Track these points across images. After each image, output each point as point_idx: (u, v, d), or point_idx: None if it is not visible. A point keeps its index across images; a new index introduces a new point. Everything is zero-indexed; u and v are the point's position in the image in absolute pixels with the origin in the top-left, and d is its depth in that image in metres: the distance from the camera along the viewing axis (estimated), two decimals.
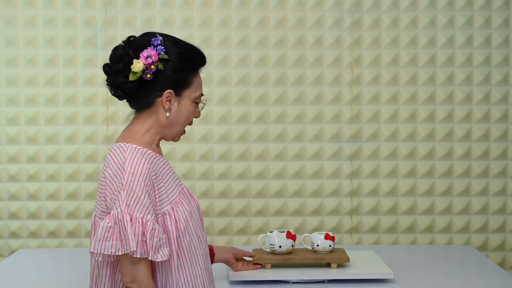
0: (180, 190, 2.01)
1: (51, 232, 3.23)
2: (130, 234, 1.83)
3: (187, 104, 1.98)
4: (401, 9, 3.23)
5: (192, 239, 1.97)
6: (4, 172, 3.21)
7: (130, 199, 1.86)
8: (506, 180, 3.29)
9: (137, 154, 1.91)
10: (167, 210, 1.94)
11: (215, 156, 3.25)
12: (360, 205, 3.29)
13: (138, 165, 1.89)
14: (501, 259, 3.30)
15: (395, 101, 3.26)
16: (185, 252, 1.95)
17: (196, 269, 1.97)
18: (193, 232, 1.98)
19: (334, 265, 2.53)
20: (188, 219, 1.96)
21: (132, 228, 1.83)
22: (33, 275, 2.69)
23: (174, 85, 1.96)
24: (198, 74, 2.01)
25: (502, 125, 3.27)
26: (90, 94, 3.21)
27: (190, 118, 2.01)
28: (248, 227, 3.28)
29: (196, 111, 2.03)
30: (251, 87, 3.24)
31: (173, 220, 1.94)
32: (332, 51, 3.24)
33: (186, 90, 1.98)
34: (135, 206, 1.86)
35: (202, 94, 2.02)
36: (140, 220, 1.85)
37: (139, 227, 1.84)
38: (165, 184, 1.96)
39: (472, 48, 3.25)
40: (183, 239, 1.94)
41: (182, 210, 1.96)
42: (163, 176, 1.96)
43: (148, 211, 1.87)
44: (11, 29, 3.18)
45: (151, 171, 1.91)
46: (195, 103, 2.00)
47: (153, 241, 1.85)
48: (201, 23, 3.22)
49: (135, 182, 1.87)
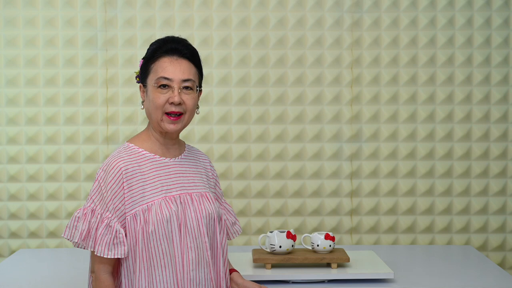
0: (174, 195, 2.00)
1: (51, 232, 3.23)
2: (80, 226, 1.95)
3: (150, 90, 2.03)
4: (401, 9, 3.23)
5: (162, 244, 1.97)
6: (4, 172, 3.21)
7: (96, 195, 1.98)
8: (506, 180, 3.29)
9: (120, 153, 2.01)
10: (138, 211, 1.96)
11: (215, 156, 3.25)
12: (360, 205, 3.29)
13: (112, 164, 1.98)
14: (501, 259, 3.30)
15: (395, 101, 3.26)
16: (152, 255, 1.96)
17: (160, 275, 1.97)
18: (164, 237, 1.97)
19: (334, 265, 2.53)
20: (160, 224, 1.96)
21: (84, 221, 1.95)
22: (33, 275, 2.69)
23: (141, 78, 2.07)
24: (162, 60, 2.03)
25: (502, 125, 3.27)
26: (90, 94, 3.21)
27: (157, 102, 2.01)
28: (248, 227, 3.28)
29: (170, 96, 2.01)
30: (251, 87, 3.24)
31: (142, 222, 1.95)
32: (332, 51, 3.24)
33: (148, 78, 2.05)
34: (99, 202, 1.97)
35: (162, 77, 2.01)
36: (99, 215, 1.95)
37: (96, 222, 1.95)
38: (143, 185, 1.98)
39: (472, 48, 3.25)
40: (149, 242, 1.96)
41: (156, 213, 1.96)
42: (145, 177, 1.99)
43: (107, 208, 1.95)
44: (11, 29, 3.18)
45: (123, 172, 1.96)
46: (159, 87, 2.01)
47: (106, 237, 1.94)
48: (201, 23, 3.22)
49: (104, 179, 1.97)
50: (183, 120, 2.04)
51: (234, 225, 2.23)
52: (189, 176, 2.06)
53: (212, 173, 2.18)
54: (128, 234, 1.96)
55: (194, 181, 2.07)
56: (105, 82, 3.22)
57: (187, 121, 2.05)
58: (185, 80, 2.02)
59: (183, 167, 2.07)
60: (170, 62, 2.02)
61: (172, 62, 2.02)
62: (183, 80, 2.01)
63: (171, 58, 2.02)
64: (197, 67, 2.07)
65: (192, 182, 2.06)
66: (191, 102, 2.03)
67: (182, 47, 2.04)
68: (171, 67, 2.01)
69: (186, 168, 2.07)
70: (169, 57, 2.02)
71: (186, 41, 2.08)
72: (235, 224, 2.23)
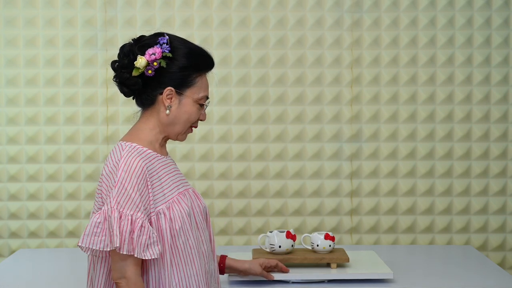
0: (182, 191, 2.02)
1: (51, 232, 3.23)
2: (116, 230, 1.85)
3: (188, 103, 1.98)
4: (401, 9, 3.23)
5: (188, 239, 1.97)
6: (4, 172, 3.22)
7: (121, 196, 1.88)
8: (506, 180, 3.29)
9: (133, 153, 1.93)
10: (162, 209, 1.95)
11: (215, 156, 3.25)
12: (360, 205, 3.29)
13: (132, 163, 1.91)
14: (501, 259, 3.30)
15: (395, 101, 3.26)
16: (179, 251, 1.96)
17: (191, 269, 1.97)
18: (189, 232, 1.98)
19: (334, 265, 2.53)
20: (184, 219, 1.97)
21: (118, 225, 1.85)
22: (33, 275, 2.69)
23: (176, 83, 1.97)
24: (204, 76, 2.01)
25: (502, 125, 3.27)
26: (90, 94, 3.22)
27: (191, 118, 2.01)
28: (248, 227, 3.28)
29: (201, 113, 2.03)
30: (251, 87, 3.25)
31: (168, 220, 1.95)
32: (332, 51, 3.24)
33: (188, 89, 1.98)
34: (126, 203, 1.88)
35: (207, 97, 2.02)
36: (129, 217, 1.87)
37: (128, 224, 1.86)
38: (161, 183, 1.97)
39: (472, 48, 3.25)
40: (178, 239, 1.95)
41: (178, 210, 1.97)
42: (160, 176, 1.97)
43: (138, 209, 1.88)
44: (11, 29, 3.18)
45: (146, 170, 1.92)
46: (198, 104, 2.00)
47: (142, 238, 1.87)
48: (201, 23, 3.22)
49: (127, 179, 1.89)
50: None
51: None
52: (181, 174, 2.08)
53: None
54: (156, 232, 1.95)
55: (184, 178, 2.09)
56: (105, 82, 3.22)
57: None
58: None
59: (174, 165, 2.08)
60: (207, 81, 2.03)
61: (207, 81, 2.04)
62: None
63: (206, 76, 2.03)
64: None
65: (184, 179, 2.08)
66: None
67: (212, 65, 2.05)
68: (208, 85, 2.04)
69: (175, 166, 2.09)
70: (206, 74, 2.02)
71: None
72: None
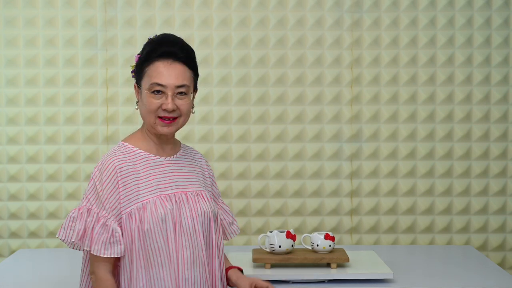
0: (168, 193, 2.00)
1: (51, 232, 3.23)
2: (76, 226, 1.94)
3: (144, 94, 2.01)
4: (401, 9, 3.23)
5: (157, 242, 1.96)
6: (4, 172, 3.22)
7: (92, 194, 1.98)
8: (506, 180, 3.29)
9: (116, 152, 2.01)
10: (133, 209, 1.95)
11: (215, 156, 3.25)
12: (360, 205, 3.29)
13: (105, 163, 1.98)
14: (501, 259, 3.30)
15: (395, 101, 3.26)
16: (149, 254, 1.96)
17: (159, 273, 1.97)
18: (159, 236, 1.97)
19: (334, 265, 2.53)
20: (155, 222, 1.96)
21: (84, 221, 1.94)
22: (33, 275, 2.69)
23: (137, 79, 2.05)
24: (156, 64, 1.99)
25: (502, 125, 3.27)
26: (90, 94, 3.22)
27: (151, 107, 1.99)
28: (248, 227, 3.28)
29: (164, 103, 1.98)
30: (251, 87, 3.25)
31: (137, 221, 1.95)
32: (332, 51, 3.24)
33: (142, 80, 2.02)
34: (95, 201, 1.97)
35: (156, 83, 1.98)
36: (95, 214, 1.94)
37: (92, 221, 1.94)
38: (138, 184, 1.98)
39: (472, 48, 3.25)
40: (147, 241, 1.96)
41: (150, 212, 1.96)
42: (140, 176, 1.99)
43: (103, 207, 1.95)
44: (11, 29, 3.18)
45: (117, 170, 1.96)
46: (151, 92, 1.99)
47: (102, 236, 1.93)
48: (201, 23, 3.22)
49: (98, 178, 1.98)
50: (178, 123, 2.03)
51: (232, 225, 2.22)
52: (185, 175, 2.06)
53: (208, 172, 2.17)
54: (124, 232, 1.96)
55: (189, 180, 2.06)
56: (105, 82, 3.22)
57: (182, 123, 2.04)
58: (179, 86, 1.99)
59: (178, 166, 2.06)
60: (164, 67, 1.98)
61: (166, 67, 1.98)
62: (177, 86, 1.99)
63: (165, 63, 1.98)
64: (193, 70, 2.04)
65: (187, 180, 2.05)
66: (185, 107, 2.01)
67: (177, 50, 2.00)
68: (165, 72, 1.98)
69: (181, 167, 2.07)
70: (163, 61, 1.99)
71: (182, 41, 2.04)
72: (233, 224, 2.22)
